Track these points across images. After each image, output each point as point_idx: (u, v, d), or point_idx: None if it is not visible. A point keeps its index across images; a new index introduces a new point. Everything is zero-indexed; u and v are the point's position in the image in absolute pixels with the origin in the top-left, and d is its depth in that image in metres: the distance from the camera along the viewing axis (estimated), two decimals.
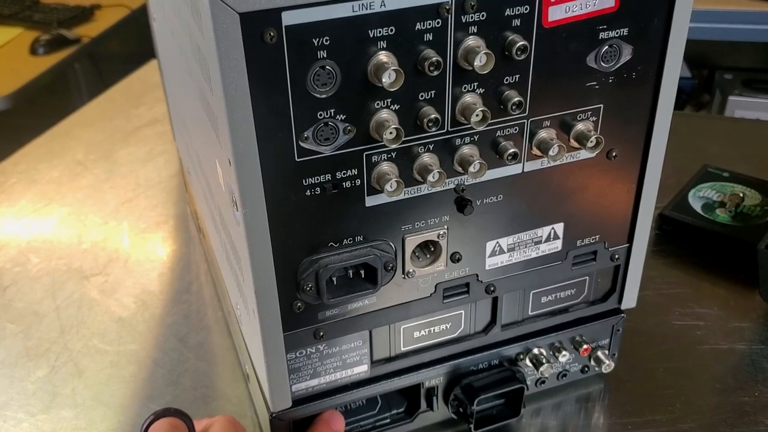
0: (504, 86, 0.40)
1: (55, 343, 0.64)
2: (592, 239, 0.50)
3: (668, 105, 0.45)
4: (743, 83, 1.56)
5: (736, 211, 0.72)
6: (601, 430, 0.55)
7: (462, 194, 0.43)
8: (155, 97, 1.04)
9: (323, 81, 0.37)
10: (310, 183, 0.40)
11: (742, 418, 0.55)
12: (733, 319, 0.63)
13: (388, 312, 0.47)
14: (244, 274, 0.43)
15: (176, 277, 0.72)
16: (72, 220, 0.80)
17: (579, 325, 0.54)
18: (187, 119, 0.60)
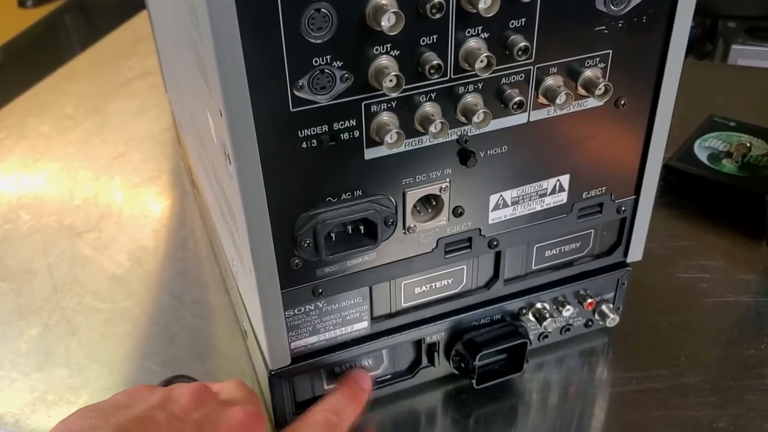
0: (509, 30, 0.39)
1: (47, 301, 0.62)
2: (598, 191, 0.48)
3: (679, 51, 0.44)
4: (746, 31, 1.53)
5: (742, 161, 0.70)
6: (604, 385, 0.54)
7: (465, 145, 0.42)
8: (147, 49, 1.01)
9: (318, 25, 0.35)
10: (306, 135, 0.38)
11: (748, 372, 0.54)
12: (739, 271, 0.63)
13: (389, 268, 0.45)
14: (239, 231, 0.42)
15: (171, 233, 0.70)
16: (63, 176, 0.78)
17: (583, 279, 0.53)
18: (178, 70, 0.58)
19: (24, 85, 0.96)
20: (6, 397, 0.54)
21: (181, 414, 0.38)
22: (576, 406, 0.53)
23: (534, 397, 0.53)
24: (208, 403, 0.40)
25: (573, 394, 0.53)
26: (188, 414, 0.39)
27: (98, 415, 0.37)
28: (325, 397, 0.47)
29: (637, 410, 0.52)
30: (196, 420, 0.38)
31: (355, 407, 0.47)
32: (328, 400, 0.46)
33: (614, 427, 0.51)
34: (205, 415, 0.39)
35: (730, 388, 0.53)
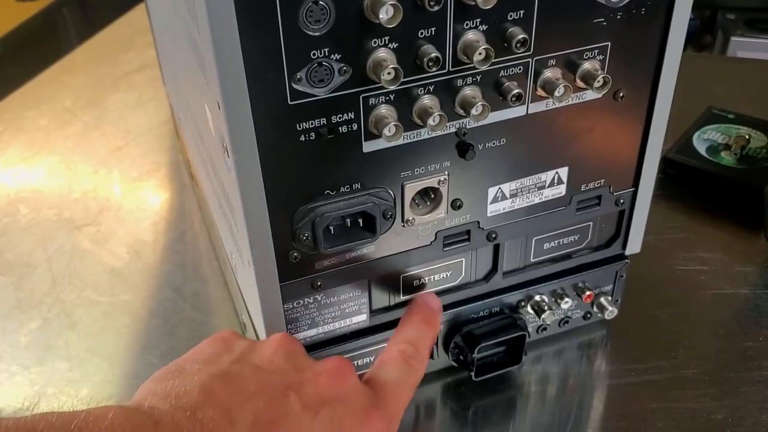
0: (508, 23, 0.38)
1: (47, 295, 0.62)
2: (596, 183, 0.48)
3: (678, 43, 0.43)
4: (746, 23, 1.52)
5: (741, 153, 0.70)
6: (603, 377, 0.54)
7: (463, 138, 0.42)
8: (144, 42, 1.01)
9: (316, 17, 0.35)
10: (304, 127, 0.38)
11: (746, 364, 0.54)
12: (737, 264, 0.63)
13: (387, 261, 0.45)
14: (238, 224, 0.42)
15: (170, 227, 0.70)
16: (61, 169, 0.78)
17: (582, 272, 0.53)
18: (175, 63, 0.58)
19: (22, 79, 0.95)
20: (6, 390, 0.54)
21: (267, 365, 0.37)
22: (574, 398, 0.53)
23: (533, 390, 0.53)
24: (295, 354, 0.39)
25: (571, 386, 0.54)
26: (275, 364, 0.37)
27: (180, 375, 0.35)
28: (396, 330, 0.45)
29: (635, 402, 0.52)
30: (283, 370, 0.37)
31: (429, 331, 0.45)
32: (400, 332, 0.45)
33: (612, 419, 0.51)
34: (293, 364, 0.38)
35: (728, 380, 0.53)
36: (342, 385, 0.38)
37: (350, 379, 0.38)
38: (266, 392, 0.35)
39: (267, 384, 0.35)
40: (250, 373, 0.36)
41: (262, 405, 0.34)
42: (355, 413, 0.37)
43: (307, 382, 0.37)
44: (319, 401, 0.36)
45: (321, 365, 0.38)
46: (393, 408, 0.39)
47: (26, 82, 0.95)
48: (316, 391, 0.37)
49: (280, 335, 0.40)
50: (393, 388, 0.40)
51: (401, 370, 0.41)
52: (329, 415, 0.36)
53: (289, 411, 0.35)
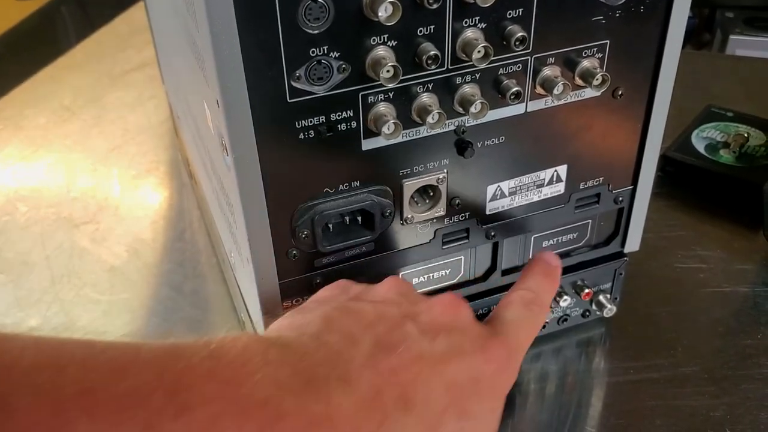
0: (507, 21, 0.38)
1: (46, 293, 0.62)
2: (595, 181, 0.48)
3: (677, 41, 0.43)
4: (745, 22, 1.52)
5: (740, 151, 0.70)
6: (601, 375, 0.54)
7: (462, 136, 0.42)
8: (143, 40, 1.01)
9: (315, 15, 0.35)
10: (303, 125, 0.38)
11: (745, 361, 0.54)
12: (736, 262, 0.63)
13: (386, 259, 0.46)
14: (236, 222, 0.42)
15: (169, 225, 0.70)
16: (60, 168, 0.78)
17: (581, 270, 0.53)
18: (174, 61, 0.58)
19: (20, 77, 0.95)
20: None
21: (381, 299, 0.38)
22: (573, 396, 0.53)
23: (531, 387, 0.53)
24: (408, 291, 0.39)
25: (570, 384, 0.54)
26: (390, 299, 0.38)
27: (302, 311, 0.37)
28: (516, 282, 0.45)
29: (634, 400, 0.52)
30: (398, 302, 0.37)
31: (550, 282, 0.44)
32: (520, 282, 0.44)
33: (611, 417, 0.51)
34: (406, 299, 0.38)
35: (727, 378, 0.53)
36: (457, 314, 0.37)
37: (465, 311, 0.38)
38: (384, 320, 0.35)
39: (384, 313, 0.36)
40: (368, 306, 0.36)
41: (381, 330, 0.35)
42: (473, 339, 0.36)
43: (422, 311, 0.37)
44: (436, 327, 0.36)
45: (435, 299, 0.38)
46: (513, 341, 0.38)
47: (25, 80, 0.95)
48: (431, 318, 0.37)
49: (392, 278, 0.41)
50: (512, 326, 0.39)
51: (520, 311, 0.41)
52: (447, 339, 0.35)
53: (407, 335, 0.35)
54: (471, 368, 0.35)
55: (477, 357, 0.36)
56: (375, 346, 0.33)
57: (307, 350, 0.32)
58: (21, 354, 0.26)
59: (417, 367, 0.34)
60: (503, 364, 0.37)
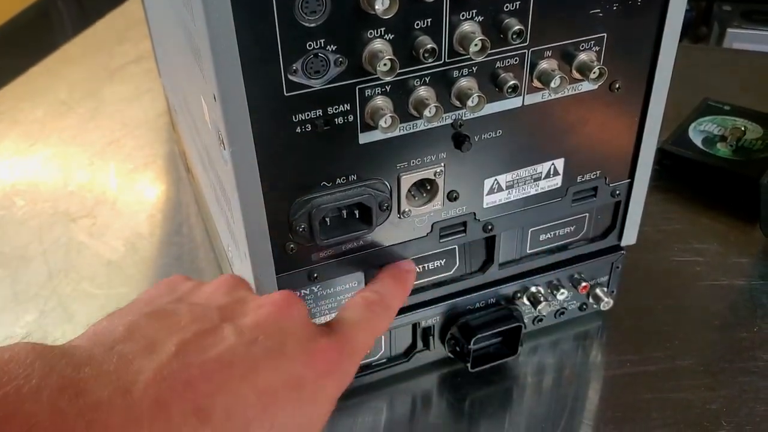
0: (504, 14, 0.38)
1: (43, 288, 0.62)
2: (592, 175, 0.48)
3: (674, 34, 0.43)
4: (742, 15, 1.52)
5: (737, 145, 0.70)
6: (598, 368, 0.54)
7: (459, 129, 0.42)
8: (140, 33, 1.00)
9: (312, 8, 0.34)
10: (300, 119, 0.38)
11: (741, 354, 0.54)
12: (733, 255, 0.63)
13: (384, 252, 0.46)
14: (234, 216, 0.42)
15: (166, 219, 0.70)
16: (57, 162, 0.78)
17: (578, 263, 0.53)
18: (171, 55, 0.58)
19: (17, 70, 0.95)
20: None
21: (205, 301, 0.34)
22: (570, 389, 0.53)
23: (528, 380, 0.53)
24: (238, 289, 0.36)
25: (567, 377, 0.54)
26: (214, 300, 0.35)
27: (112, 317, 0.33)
28: None
29: (630, 393, 0.52)
30: (222, 305, 0.34)
31: (398, 285, 0.43)
32: (367, 285, 0.42)
33: (608, 410, 0.51)
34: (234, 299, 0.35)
35: (723, 371, 0.53)
36: (287, 315, 0.34)
37: (297, 310, 0.35)
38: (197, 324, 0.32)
39: (200, 317, 0.32)
40: (185, 309, 0.33)
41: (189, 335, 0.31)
42: (299, 342, 0.33)
43: (246, 313, 0.34)
44: (258, 330, 0.33)
45: (265, 298, 0.35)
46: (348, 343, 0.35)
47: (21, 74, 0.95)
48: (255, 321, 0.33)
49: (225, 276, 0.37)
50: (349, 326, 0.37)
51: (361, 311, 0.38)
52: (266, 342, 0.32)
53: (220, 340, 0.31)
54: (290, 373, 0.32)
55: (299, 360, 0.33)
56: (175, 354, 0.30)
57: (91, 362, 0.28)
58: None
59: (223, 376, 0.30)
60: (331, 367, 0.34)
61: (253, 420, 0.30)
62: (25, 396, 0.26)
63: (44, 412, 0.26)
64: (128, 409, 0.27)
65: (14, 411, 0.25)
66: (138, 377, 0.28)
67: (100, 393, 0.27)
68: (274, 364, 0.32)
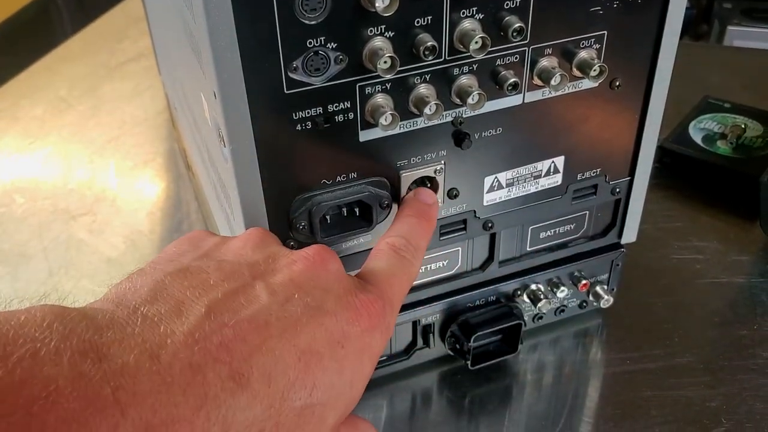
0: (504, 11, 0.38)
1: (43, 285, 0.62)
2: (592, 173, 0.48)
3: (674, 32, 0.43)
4: (743, 12, 1.52)
5: (737, 142, 0.70)
6: (598, 365, 0.54)
7: (460, 127, 0.42)
8: (139, 31, 1.00)
9: (312, 6, 0.34)
10: (301, 117, 0.38)
11: (741, 352, 0.54)
12: (733, 253, 0.63)
13: None
14: (234, 213, 0.42)
15: (166, 216, 0.70)
16: (57, 159, 0.78)
17: (578, 261, 0.53)
18: (171, 52, 0.58)
19: (17, 68, 0.95)
20: None
21: (233, 257, 0.32)
22: (570, 386, 0.53)
23: (528, 378, 0.53)
24: (269, 244, 0.34)
25: (567, 374, 0.54)
26: (243, 256, 0.33)
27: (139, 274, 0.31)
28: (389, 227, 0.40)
29: (630, 390, 0.52)
30: (252, 261, 0.32)
31: (422, 223, 0.40)
32: (390, 228, 0.39)
33: (608, 407, 0.51)
34: (264, 254, 0.33)
35: (722, 368, 0.53)
36: (322, 270, 0.32)
37: (332, 265, 0.33)
38: (228, 282, 0.30)
39: (230, 274, 0.31)
40: (213, 267, 0.31)
41: (220, 295, 0.29)
42: (339, 297, 0.31)
43: (279, 269, 0.32)
44: (293, 287, 0.31)
45: (298, 253, 0.33)
46: (387, 294, 0.34)
47: (21, 71, 0.94)
48: (289, 277, 0.31)
49: (254, 228, 0.35)
50: (385, 277, 0.35)
51: (391, 260, 0.36)
52: (304, 299, 0.30)
53: (253, 299, 0.30)
54: (333, 330, 0.30)
55: (341, 316, 0.31)
56: (206, 315, 0.28)
57: (114, 324, 0.27)
58: None
59: (258, 337, 0.28)
60: (375, 322, 0.32)
61: (295, 381, 0.29)
62: (43, 359, 0.24)
63: (65, 377, 0.24)
64: (158, 375, 0.26)
65: (31, 375, 0.23)
66: (166, 340, 0.27)
67: (126, 357, 0.25)
68: (314, 322, 0.30)
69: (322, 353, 0.30)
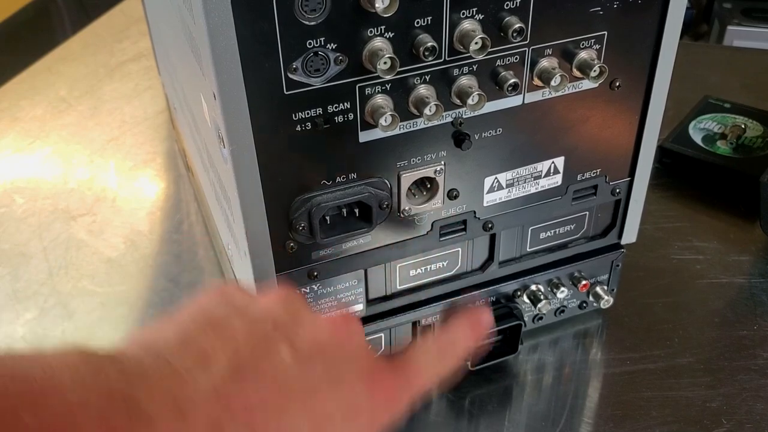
0: (504, 12, 0.38)
1: (43, 285, 0.62)
2: (592, 173, 0.48)
3: (674, 32, 0.43)
4: (742, 12, 1.52)
5: (737, 142, 0.70)
6: (599, 366, 0.54)
7: (460, 128, 0.42)
8: (139, 31, 1.00)
9: (312, 6, 0.34)
10: (300, 117, 0.38)
11: (741, 352, 0.54)
12: (733, 253, 0.63)
13: (384, 251, 0.46)
14: (234, 214, 0.42)
15: (166, 216, 0.70)
16: (57, 159, 0.78)
17: (578, 261, 0.53)
18: (171, 52, 0.58)
19: (17, 68, 0.95)
20: None
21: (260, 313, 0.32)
22: (570, 387, 0.53)
23: (528, 378, 0.53)
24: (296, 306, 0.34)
25: (567, 375, 0.54)
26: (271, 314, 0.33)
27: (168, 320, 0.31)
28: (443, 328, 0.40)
29: (630, 391, 0.52)
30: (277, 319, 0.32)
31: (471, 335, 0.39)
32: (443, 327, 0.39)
33: (608, 408, 0.51)
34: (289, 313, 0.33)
35: (723, 369, 0.53)
36: (345, 338, 0.33)
37: (355, 335, 0.33)
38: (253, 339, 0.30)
39: (255, 331, 0.31)
40: (241, 322, 0.31)
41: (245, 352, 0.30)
42: (359, 369, 0.32)
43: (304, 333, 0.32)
44: (316, 353, 0.31)
45: (324, 318, 0.34)
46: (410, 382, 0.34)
47: (21, 71, 0.94)
48: (313, 342, 0.32)
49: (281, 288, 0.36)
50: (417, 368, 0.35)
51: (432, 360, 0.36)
52: (325, 365, 0.31)
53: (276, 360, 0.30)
54: (348, 401, 0.31)
55: (359, 386, 0.31)
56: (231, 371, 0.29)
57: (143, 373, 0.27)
58: None
59: (280, 402, 0.29)
60: (389, 400, 0.32)
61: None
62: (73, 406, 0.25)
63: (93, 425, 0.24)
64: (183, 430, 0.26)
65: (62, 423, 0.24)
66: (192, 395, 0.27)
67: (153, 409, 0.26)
68: (332, 390, 0.31)
69: (335, 421, 0.30)
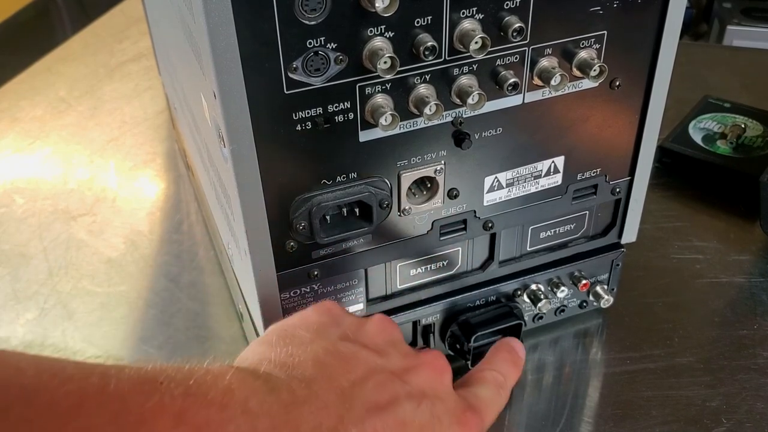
0: (504, 11, 0.38)
1: (43, 285, 0.62)
2: (592, 173, 0.48)
3: (674, 32, 0.43)
4: (742, 12, 1.52)
5: (737, 142, 0.70)
6: (599, 365, 0.54)
7: (460, 127, 0.42)
8: (139, 31, 1.00)
9: (312, 6, 0.34)
10: (301, 117, 0.38)
11: (741, 352, 0.54)
12: (733, 252, 0.63)
13: (384, 250, 0.46)
14: (234, 214, 0.42)
15: (166, 216, 0.70)
16: (57, 159, 0.78)
17: (578, 261, 0.53)
18: (171, 52, 0.58)
19: (16, 68, 0.95)
20: None
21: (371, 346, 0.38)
22: (570, 386, 0.53)
23: (529, 378, 0.53)
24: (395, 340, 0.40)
25: (567, 374, 0.54)
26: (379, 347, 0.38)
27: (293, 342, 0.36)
28: (487, 357, 0.46)
29: (631, 390, 0.52)
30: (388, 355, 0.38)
31: (516, 371, 0.46)
32: (492, 361, 0.46)
33: (608, 407, 0.51)
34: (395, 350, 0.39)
35: (723, 368, 0.53)
36: (440, 381, 0.39)
37: (447, 378, 0.40)
38: (375, 375, 0.36)
39: (374, 368, 0.36)
40: (360, 353, 0.37)
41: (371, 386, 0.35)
42: (452, 410, 0.38)
43: (409, 370, 0.38)
44: (420, 392, 0.37)
45: (422, 356, 0.39)
46: (486, 418, 0.40)
47: (21, 72, 0.94)
48: (417, 381, 0.38)
49: (381, 317, 0.41)
50: (486, 405, 0.41)
51: (494, 393, 0.43)
52: (430, 407, 0.37)
53: (395, 396, 0.36)
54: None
55: (454, 428, 0.38)
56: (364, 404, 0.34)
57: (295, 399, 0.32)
58: None
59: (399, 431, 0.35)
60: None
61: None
62: None
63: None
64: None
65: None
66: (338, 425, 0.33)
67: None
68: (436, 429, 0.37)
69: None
